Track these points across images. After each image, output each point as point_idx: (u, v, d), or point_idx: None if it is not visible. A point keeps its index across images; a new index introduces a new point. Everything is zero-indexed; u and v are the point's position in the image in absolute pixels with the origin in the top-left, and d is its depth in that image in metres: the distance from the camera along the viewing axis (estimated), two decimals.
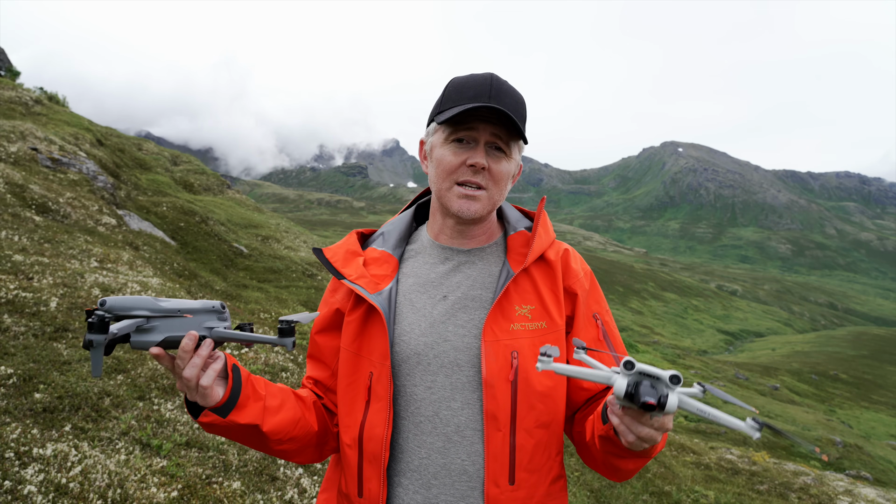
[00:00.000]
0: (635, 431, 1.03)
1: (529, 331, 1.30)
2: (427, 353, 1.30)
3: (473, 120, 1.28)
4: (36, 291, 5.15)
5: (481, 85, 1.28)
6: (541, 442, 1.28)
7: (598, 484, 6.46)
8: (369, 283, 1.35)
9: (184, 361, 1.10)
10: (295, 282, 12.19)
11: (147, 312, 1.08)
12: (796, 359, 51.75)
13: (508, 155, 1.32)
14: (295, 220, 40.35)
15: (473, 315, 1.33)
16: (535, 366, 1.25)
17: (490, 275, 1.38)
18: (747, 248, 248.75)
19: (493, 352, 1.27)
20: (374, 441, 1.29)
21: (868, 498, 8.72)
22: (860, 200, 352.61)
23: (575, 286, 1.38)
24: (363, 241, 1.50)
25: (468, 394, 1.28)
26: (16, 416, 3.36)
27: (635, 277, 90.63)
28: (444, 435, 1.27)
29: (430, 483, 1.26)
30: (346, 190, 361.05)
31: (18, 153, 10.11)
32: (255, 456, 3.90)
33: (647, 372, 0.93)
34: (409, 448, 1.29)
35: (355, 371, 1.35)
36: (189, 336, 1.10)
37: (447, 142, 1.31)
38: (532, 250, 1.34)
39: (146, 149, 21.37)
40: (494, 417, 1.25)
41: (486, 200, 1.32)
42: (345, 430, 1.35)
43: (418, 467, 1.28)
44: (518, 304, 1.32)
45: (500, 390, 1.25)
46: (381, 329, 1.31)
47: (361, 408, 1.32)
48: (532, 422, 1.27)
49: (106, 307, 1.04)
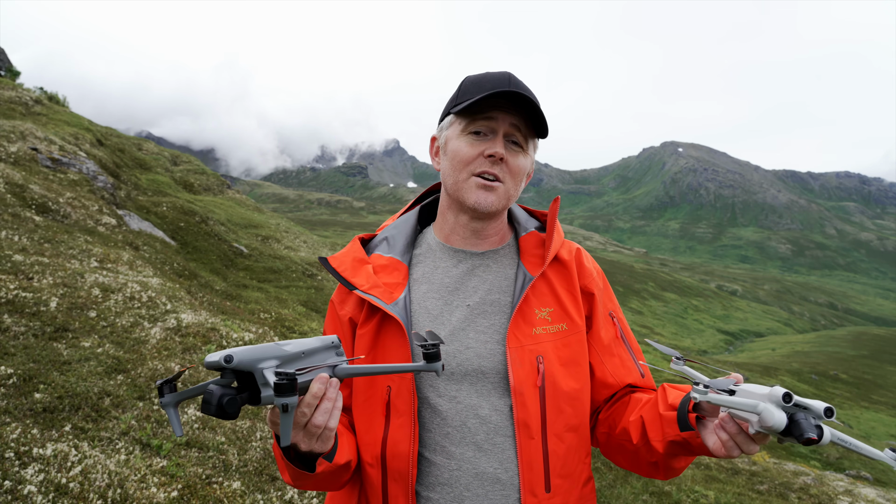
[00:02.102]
0: (747, 450, 1.04)
1: (551, 333, 1.27)
2: (450, 362, 1.26)
3: (492, 109, 1.25)
4: (36, 291, 5.15)
5: (499, 79, 1.25)
6: (571, 446, 1.27)
7: (598, 484, 6.46)
8: (384, 292, 1.29)
9: (311, 408, 1.00)
10: (295, 282, 12.19)
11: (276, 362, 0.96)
12: (796, 359, 51.77)
13: (525, 150, 1.30)
14: (295, 220, 40.34)
15: (494, 320, 1.29)
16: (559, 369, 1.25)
17: (506, 278, 1.34)
18: (747, 248, 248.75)
19: (519, 358, 1.24)
20: (398, 458, 1.23)
21: (868, 498, 8.72)
22: (860, 200, 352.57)
23: (591, 285, 1.36)
24: (365, 246, 1.44)
25: (495, 400, 1.25)
26: (16, 416, 3.36)
27: (635, 277, 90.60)
28: (473, 444, 1.23)
29: (463, 495, 1.22)
30: (346, 190, 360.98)
31: (18, 153, 10.11)
32: (255, 456, 3.90)
33: (803, 404, 0.93)
34: (437, 461, 1.24)
35: (371, 386, 1.28)
36: (320, 380, 1.00)
37: (464, 133, 1.28)
38: (550, 251, 1.32)
39: (146, 149, 21.37)
40: (526, 425, 1.22)
41: (503, 194, 1.29)
42: (364, 448, 1.28)
43: (448, 480, 1.23)
44: (537, 307, 1.29)
45: (529, 397, 1.23)
46: (400, 340, 1.26)
47: (381, 424, 1.26)
48: (562, 426, 1.25)
49: (234, 364, 0.91)
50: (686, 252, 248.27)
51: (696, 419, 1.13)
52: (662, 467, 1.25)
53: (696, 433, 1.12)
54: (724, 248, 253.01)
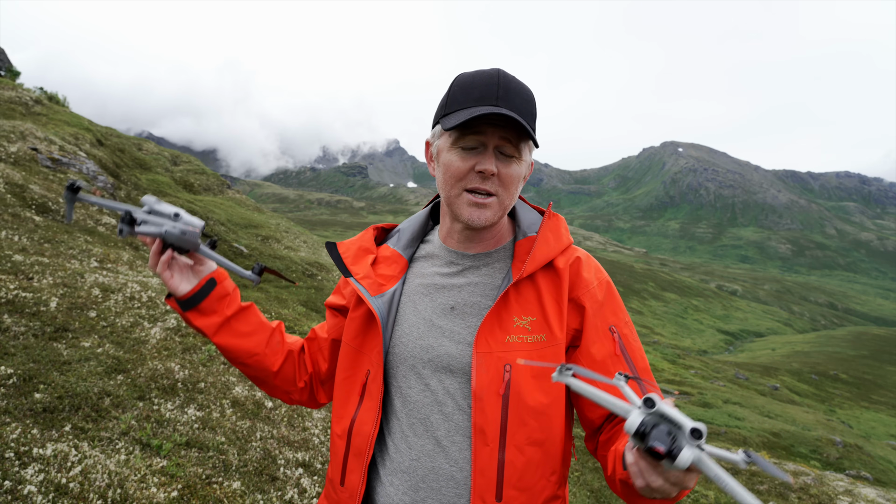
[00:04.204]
0: (647, 479, 0.92)
1: (527, 343, 1.24)
2: (422, 356, 1.30)
3: (481, 123, 1.22)
4: (36, 291, 5.15)
5: (487, 85, 1.22)
6: (533, 460, 1.22)
7: (598, 484, 6.46)
8: (372, 284, 1.36)
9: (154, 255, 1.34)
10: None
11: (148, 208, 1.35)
12: (796, 359, 51.75)
13: (519, 157, 1.26)
14: (295, 220, 40.34)
15: (470, 322, 1.30)
16: (528, 380, 1.22)
17: (492, 281, 1.34)
18: (747, 248, 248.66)
19: (485, 363, 1.22)
20: (361, 436, 1.31)
21: (868, 498, 8.72)
22: (860, 200, 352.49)
23: (583, 297, 1.29)
24: (383, 236, 1.51)
25: (459, 400, 1.26)
26: (16, 416, 3.36)
27: (635, 277, 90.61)
28: (434, 439, 1.27)
29: (419, 486, 1.26)
30: (345, 190, 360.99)
31: (18, 153, 10.11)
32: (255, 456, 3.90)
33: (668, 416, 0.83)
34: (401, 448, 1.30)
35: (354, 366, 1.37)
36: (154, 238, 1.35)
37: (454, 147, 1.26)
38: (531, 258, 1.27)
39: (146, 149, 21.37)
40: (482, 431, 1.21)
41: (497, 207, 1.28)
42: (337, 420, 1.38)
43: (408, 468, 1.28)
44: (518, 314, 1.26)
45: (489, 403, 1.21)
46: (375, 331, 1.34)
47: (355, 403, 1.35)
48: (523, 438, 1.21)
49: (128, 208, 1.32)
50: (686, 252, 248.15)
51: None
52: None
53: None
54: (724, 248, 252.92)
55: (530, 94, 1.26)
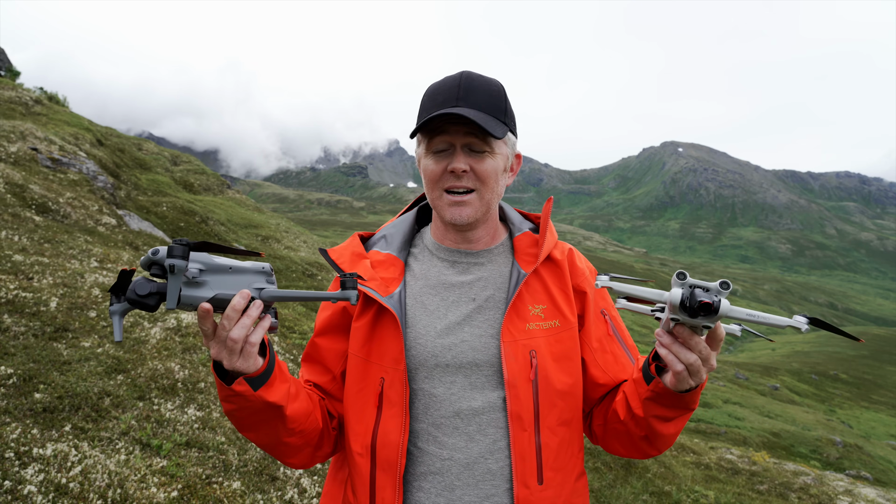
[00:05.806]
0: (684, 358, 1.06)
1: (544, 329, 1.31)
2: (444, 355, 1.30)
3: (446, 125, 1.28)
4: (36, 291, 5.15)
5: (450, 89, 1.28)
6: (564, 440, 1.30)
7: (598, 484, 6.46)
8: (380, 285, 1.34)
9: (231, 321, 1.05)
10: (295, 282, 12.19)
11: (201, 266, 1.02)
12: (796, 359, 51.73)
13: (492, 151, 1.30)
14: (295, 220, 40.33)
15: (489, 315, 1.33)
16: (551, 363, 1.30)
17: (501, 276, 1.38)
18: (747, 248, 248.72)
19: (513, 352, 1.28)
20: (388, 448, 1.26)
21: (868, 498, 8.72)
22: (860, 200, 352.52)
23: (583, 284, 1.40)
24: (364, 243, 1.49)
25: (488, 392, 1.28)
26: (16, 416, 3.36)
27: (635, 277, 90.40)
28: (465, 434, 1.27)
29: (454, 485, 1.25)
30: (345, 190, 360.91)
31: (18, 153, 10.11)
32: (255, 456, 3.90)
33: (698, 284, 0.99)
34: (429, 451, 1.28)
35: (365, 377, 1.32)
36: (241, 294, 1.04)
37: (428, 152, 1.32)
38: (543, 250, 1.35)
39: (146, 149, 21.37)
40: (519, 417, 1.26)
41: (478, 202, 1.32)
42: (355, 438, 1.31)
43: (440, 469, 1.26)
44: (531, 303, 1.33)
45: (522, 390, 1.26)
46: (394, 332, 1.30)
47: (373, 414, 1.30)
48: (555, 420, 1.29)
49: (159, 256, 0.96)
50: (686, 252, 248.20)
51: (657, 369, 1.19)
52: (652, 437, 1.27)
53: (659, 380, 1.17)
54: (724, 248, 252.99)
55: (496, 88, 1.31)
